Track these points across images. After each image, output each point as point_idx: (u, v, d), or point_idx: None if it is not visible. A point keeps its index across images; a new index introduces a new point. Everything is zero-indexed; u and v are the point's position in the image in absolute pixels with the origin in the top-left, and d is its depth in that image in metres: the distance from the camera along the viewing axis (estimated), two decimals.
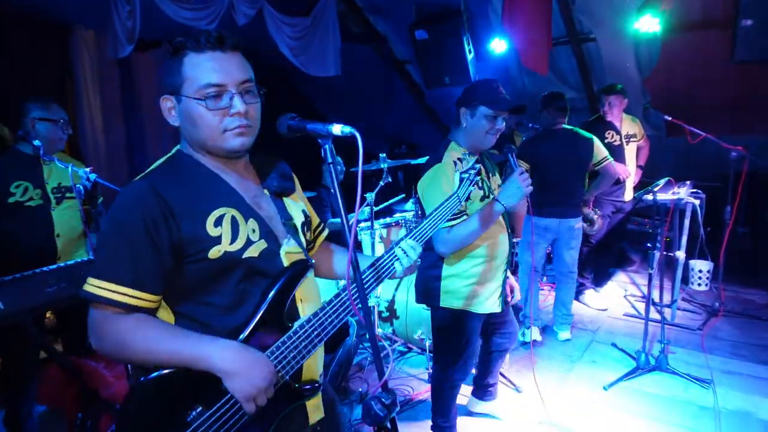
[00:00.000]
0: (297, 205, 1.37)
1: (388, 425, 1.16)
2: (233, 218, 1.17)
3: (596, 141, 3.73)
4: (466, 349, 2.37)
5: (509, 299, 2.51)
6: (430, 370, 3.32)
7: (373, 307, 3.46)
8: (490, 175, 2.34)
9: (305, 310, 1.27)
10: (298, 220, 1.34)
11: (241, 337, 1.16)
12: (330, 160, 1.15)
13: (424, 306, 3.37)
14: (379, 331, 3.55)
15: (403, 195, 4.30)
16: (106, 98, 4.81)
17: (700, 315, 4.25)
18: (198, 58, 1.14)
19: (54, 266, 2.16)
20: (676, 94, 4.94)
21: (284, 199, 1.34)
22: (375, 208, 3.78)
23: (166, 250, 1.11)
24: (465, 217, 2.11)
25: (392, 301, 3.56)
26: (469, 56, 5.14)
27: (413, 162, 4.07)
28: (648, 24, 4.29)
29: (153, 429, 1.08)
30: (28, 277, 2.04)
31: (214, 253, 1.13)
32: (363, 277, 1.29)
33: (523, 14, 4.24)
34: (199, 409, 1.10)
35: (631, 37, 4.57)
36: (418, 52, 5.51)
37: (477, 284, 2.27)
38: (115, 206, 1.13)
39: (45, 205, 2.59)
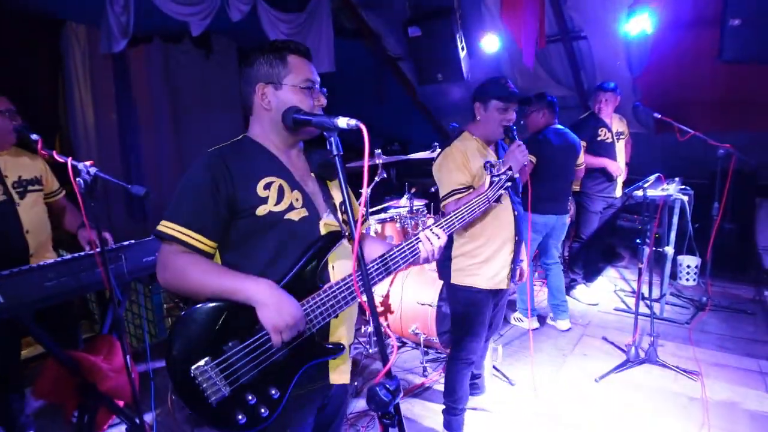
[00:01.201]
0: (338, 190, 1.55)
1: (392, 410, 1.20)
2: (280, 186, 1.39)
3: (580, 144, 3.86)
4: (474, 323, 2.50)
5: (517, 280, 2.61)
6: (425, 365, 3.36)
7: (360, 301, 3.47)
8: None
9: (336, 276, 1.44)
10: (338, 200, 1.54)
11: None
12: (336, 153, 1.18)
13: (418, 300, 3.41)
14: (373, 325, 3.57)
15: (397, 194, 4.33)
16: (98, 93, 4.78)
17: (688, 309, 4.33)
18: (299, 60, 1.44)
19: (52, 260, 2.15)
20: (665, 92, 5.00)
21: (328, 182, 1.55)
22: (369, 205, 3.79)
23: (224, 205, 1.33)
24: (471, 190, 2.29)
25: (387, 296, 3.59)
26: (462, 53, 5.17)
27: (406, 158, 4.10)
28: (637, 26, 4.35)
29: (193, 350, 1.26)
30: (28, 271, 2.03)
31: (261, 210, 1.35)
32: (388, 256, 1.47)
33: (518, 9, 4.28)
34: (235, 340, 1.29)
35: (621, 35, 4.63)
36: (411, 49, 5.53)
37: (482, 262, 2.43)
38: (191, 168, 1.37)
39: (8, 201, 2.46)
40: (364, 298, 1.23)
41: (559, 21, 4.97)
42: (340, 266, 1.46)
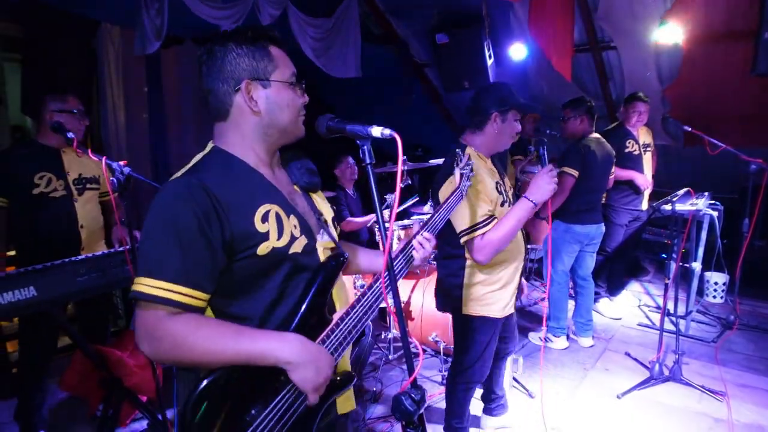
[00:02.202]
0: (324, 201, 1.43)
1: (416, 420, 1.19)
2: (277, 214, 1.18)
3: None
4: (485, 351, 2.40)
5: (539, 301, 2.55)
6: (444, 373, 3.34)
7: (387, 309, 3.48)
8: (503, 176, 2.36)
9: (338, 302, 1.33)
10: (328, 215, 1.40)
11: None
12: (368, 161, 1.17)
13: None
14: (393, 332, 3.58)
15: (417, 197, 4.33)
16: (130, 93, 4.88)
17: (715, 327, 4.23)
18: (281, 51, 1.24)
19: (83, 256, 2.20)
20: (696, 105, 4.91)
21: (312, 195, 1.39)
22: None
23: (218, 247, 1.09)
24: (495, 221, 2.12)
25: (407, 303, 3.59)
26: (489, 61, 5.16)
27: (428, 164, 4.10)
28: (668, 36, 4.28)
29: (216, 428, 1.05)
30: (60, 266, 2.08)
31: (263, 249, 1.13)
32: (396, 265, 1.36)
33: (548, 20, 4.26)
34: (258, 406, 1.10)
35: (652, 46, 4.56)
36: (438, 56, 5.53)
37: (499, 289, 2.30)
38: (161, 202, 1.08)
39: (68, 196, 2.63)
40: (390, 302, 1.19)
41: (588, 31, 4.93)
42: (338, 291, 1.33)
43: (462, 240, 2.14)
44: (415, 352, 3.68)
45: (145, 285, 1.04)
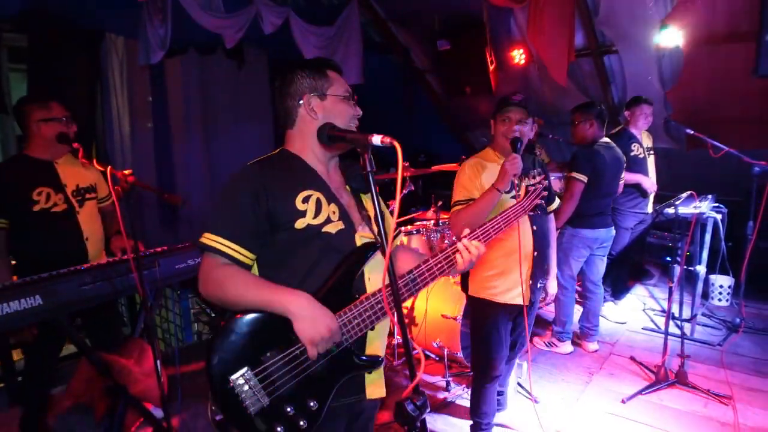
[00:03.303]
0: (370, 202, 1.56)
1: (419, 426, 1.20)
2: (318, 199, 1.42)
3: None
4: (490, 336, 2.49)
5: (542, 302, 2.60)
6: (448, 379, 3.34)
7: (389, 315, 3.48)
8: (526, 172, 2.45)
9: (371, 287, 1.46)
10: (371, 212, 1.55)
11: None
12: (369, 169, 1.20)
13: (442, 314, 3.41)
14: (398, 338, 3.58)
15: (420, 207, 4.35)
16: (134, 103, 4.92)
17: (721, 331, 4.21)
18: (337, 74, 1.53)
19: (89, 265, 2.22)
20: (698, 108, 4.91)
21: (362, 195, 1.59)
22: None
23: (264, 218, 1.36)
24: (471, 201, 2.35)
25: (411, 309, 3.59)
26: (491, 67, 5.18)
27: (431, 171, 4.12)
28: (669, 39, 4.29)
29: (233, 360, 1.27)
30: (65, 275, 2.11)
31: (300, 224, 1.37)
32: (432, 263, 1.46)
33: (547, 25, 4.27)
34: (273, 351, 1.30)
35: (653, 49, 4.57)
36: (440, 62, 5.56)
37: (497, 275, 2.44)
38: (231, 180, 1.40)
39: (70, 210, 2.55)
40: (394, 314, 1.23)
41: (589, 35, 4.95)
42: (376, 277, 1.48)
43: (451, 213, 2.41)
44: (424, 359, 3.68)
45: (207, 238, 1.35)
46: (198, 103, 5.49)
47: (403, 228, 3.93)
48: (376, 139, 1.19)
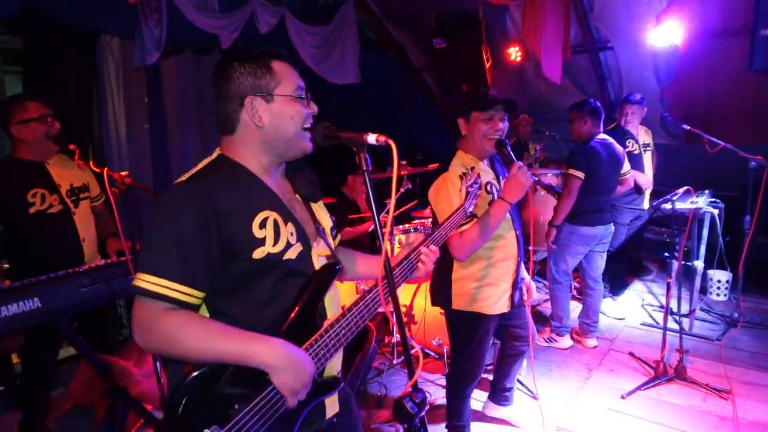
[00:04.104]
0: (323, 210, 1.47)
1: (418, 423, 1.21)
2: (275, 221, 1.24)
3: (624, 152, 3.79)
4: (478, 349, 2.44)
5: (525, 299, 2.53)
6: None
7: (391, 312, 3.49)
8: (500, 178, 2.37)
9: (330, 310, 1.35)
10: (327, 224, 1.43)
11: (278, 335, 1.21)
12: (365, 168, 1.19)
13: (441, 312, 3.40)
14: (397, 337, 3.58)
15: (417, 202, 4.35)
16: (130, 104, 4.91)
17: (719, 325, 4.22)
18: (284, 66, 1.28)
19: (86, 267, 2.21)
20: (694, 103, 4.92)
21: (312, 204, 1.42)
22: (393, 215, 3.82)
23: (215, 249, 1.15)
24: (475, 220, 2.15)
25: (410, 307, 3.59)
26: (487, 64, 5.18)
27: (429, 169, 4.12)
28: (665, 36, 4.29)
29: (198, 421, 1.11)
30: (63, 277, 2.10)
31: (258, 253, 1.19)
32: (397, 272, 1.42)
33: (541, 22, 4.28)
34: (242, 402, 1.15)
35: (649, 46, 4.58)
36: (436, 60, 5.56)
37: (486, 285, 2.33)
38: (165, 203, 1.15)
39: (65, 210, 2.52)
40: (389, 308, 1.23)
41: (584, 31, 4.95)
42: (331, 299, 1.36)
43: None
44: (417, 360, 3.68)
45: (145, 281, 1.10)
46: (194, 103, 5.48)
47: (401, 226, 3.93)
48: (372, 138, 1.18)
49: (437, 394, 3.23)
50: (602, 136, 3.73)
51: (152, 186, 5.07)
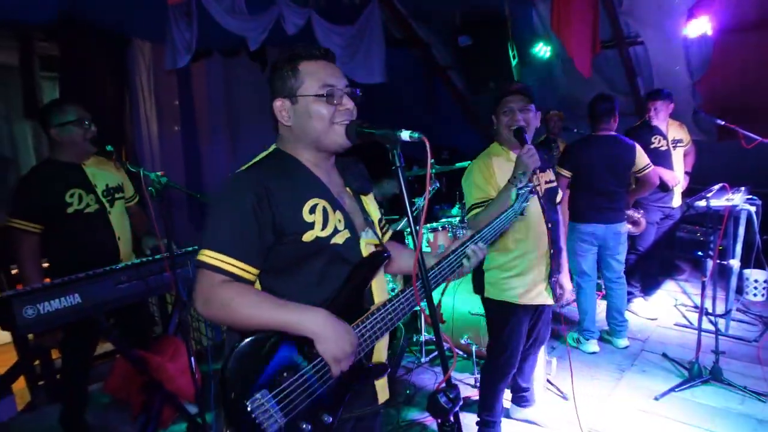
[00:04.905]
0: (373, 203, 1.53)
1: (452, 419, 1.21)
2: (324, 208, 1.33)
3: (638, 148, 3.66)
4: (510, 340, 2.46)
5: (559, 298, 2.54)
6: (477, 375, 3.33)
7: (420, 310, 3.50)
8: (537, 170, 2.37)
9: (377, 297, 1.43)
10: (375, 216, 1.51)
11: None
12: (398, 165, 1.20)
13: (470, 311, 3.40)
14: (425, 335, 3.58)
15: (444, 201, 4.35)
16: (162, 106, 5.03)
17: (757, 326, 4.10)
18: (313, 65, 1.34)
19: (123, 264, 2.28)
20: (729, 97, 4.79)
21: (362, 197, 1.50)
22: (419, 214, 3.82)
23: (268, 230, 1.25)
24: (488, 202, 2.27)
25: (438, 305, 3.59)
26: (513, 61, 5.13)
27: (453, 168, 4.11)
28: (697, 29, 4.18)
29: (249, 384, 1.20)
30: (102, 274, 2.17)
31: (308, 236, 1.28)
32: (431, 272, 1.45)
33: (570, 17, 4.22)
34: (290, 370, 1.24)
35: (680, 39, 4.47)
36: (461, 58, 5.53)
37: (516, 276, 2.38)
38: (225, 190, 1.29)
39: (102, 210, 2.59)
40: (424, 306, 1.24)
41: (614, 26, 4.86)
42: (378, 287, 1.44)
43: (466, 218, 2.36)
44: (450, 355, 3.67)
45: (205, 255, 1.24)
46: (223, 105, 5.58)
47: (428, 225, 3.92)
48: (405, 135, 1.19)
49: (465, 393, 3.22)
50: (603, 134, 3.66)
51: (184, 186, 5.18)
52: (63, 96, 4.25)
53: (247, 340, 1.22)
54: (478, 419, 2.67)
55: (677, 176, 4.23)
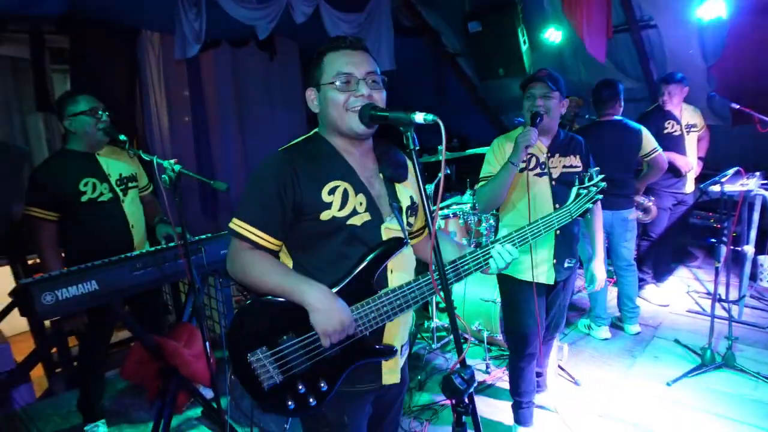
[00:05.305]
0: (406, 191, 1.55)
1: (466, 399, 1.22)
2: (345, 190, 1.41)
3: (645, 132, 3.60)
4: (520, 315, 2.50)
5: (583, 289, 2.55)
6: (488, 361, 3.34)
7: (432, 298, 3.50)
8: (558, 154, 2.46)
9: (394, 281, 1.45)
10: (405, 203, 1.52)
11: (335, 290, 1.37)
12: (412, 147, 1.20)
13: (482, 297, 3.40)
14: (437, 321, 3.60)
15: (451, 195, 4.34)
16: (172, 96, 5.05)
17: None
18: (334, 55, 1.42)
19: (138, 252, 2.31)
20: (744, 81, 4.70)
21: (396, 184, 1.52)
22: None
23: (289, 207, 1.37)
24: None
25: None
26: (524, 47, 5.09)
27: (464, 154, 4.10)
28: (711, 11, 4.11)
29: (252, 339, 1.37)
30: (117, 262, 2.20)
31: (325, 215, 1.38)
32: (451, 266, 1.46)
33: (582, 1, 4.16)
34: (290, 334, 1.37)
35: (694, 22, 4.40)
36: (471, 45, 5.49)
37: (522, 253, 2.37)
38: (259, 167, 1.42)
39: (115, 198, 2.62)
40: (439, 298, 1.24)
41: (626, 10, 4.79)
42: (399, 272, 1.48)
43: (476, 187, 2.46)
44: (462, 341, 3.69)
45: (235, 224, 1.40)
46: (232, 94, 5.60)
47: (439, 211, 3.92)
48: (419, 117, 1.18)
49: (478, 379, 3.23)
50: (608, 119, 3.63)
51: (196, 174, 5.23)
52: (73, 88, 4.27)
53: (254, 300, 1.39)
54: (513, 402, 2.72)
55: (690, 162, 4.18)
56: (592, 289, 2.71)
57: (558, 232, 2.40)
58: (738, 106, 4.03)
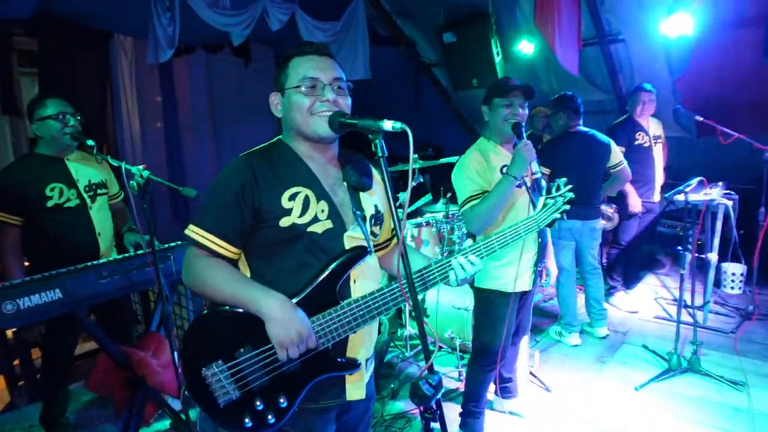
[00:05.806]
0: (371, 200, 1.51)
1: (434, 406, 1.22)
2: (306, 197, 1.37)
3: (613, 145, 3.70)
4: (502, 328, 2.48)
5: (541, 281, 2.60)
6: (460, 369, 3.36)
7: (405, 304, 3.51)
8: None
9: (357, 291, 1.41)
10: (369, 212, 1.49)
11: (295, 300, 1.32)
12: (381, 154, 1.21)
13: (454, 305, 3.42)
14: (410, 329, 3.60)
15: (430, 196, 4.36)
16: (144, 102, 4.98)
17: (734, 318, 4.19)
18: (300, 60, 1.41)
19: (105, 260, 2.26)
20: (707, 95, 4.87)
21: (360, 193, 1.49)
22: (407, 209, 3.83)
23: (248, 213, 1.33)
24: (486, 194, 2.30)
25: (422, 300, 3.61)
26: (497, 58, 5.18)
27: (438, 163, 4.13)
28: (676, 27, 4.26)
29: (207, 353, 1.30)
30: (83, 269, 2.15)
31: (284, 222, 1.33)
32: (420, 274, 1.44)
33: (554, 14, 4.26)
34: (248, 347, 1.30)
35: (661, 37, 4.54)
36: (446, 55, 5.56)
37: (507, 265, 2.43)
38: (222, 173, 1.39)
39: (82, 204, 2.55)
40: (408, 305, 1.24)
41: (595, 24, 4.93)
42: (362, 282, 1.43)
43: (460, 212, 2.36)
44: (434, 349, 3.69)
45: (191, 230, 1.36)
46: (206, 101, 5.55)
47: (412, 219, 3.94)
48: (388, 125, 1.20)
49: (450, 387, 3.24)
50: (580, 129, 3.71)
51: (167, 180, 5.14)
52: (42, 92, 4.17)
53: (209, 310, 1.32)
54: (462, 410, 2.69)
55: (658, 172, 4.31)
56: (548, 283, 2.75)
57: (540, 239, 2.45)
58: (702, 119, 4.16)
